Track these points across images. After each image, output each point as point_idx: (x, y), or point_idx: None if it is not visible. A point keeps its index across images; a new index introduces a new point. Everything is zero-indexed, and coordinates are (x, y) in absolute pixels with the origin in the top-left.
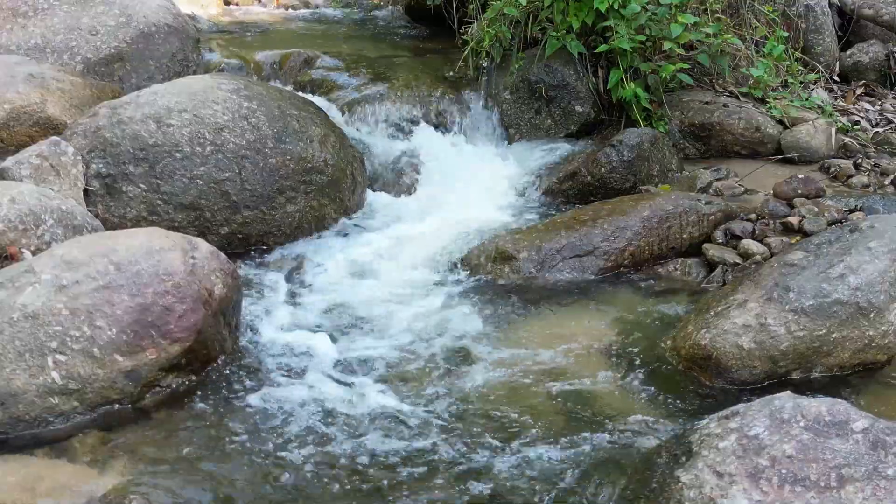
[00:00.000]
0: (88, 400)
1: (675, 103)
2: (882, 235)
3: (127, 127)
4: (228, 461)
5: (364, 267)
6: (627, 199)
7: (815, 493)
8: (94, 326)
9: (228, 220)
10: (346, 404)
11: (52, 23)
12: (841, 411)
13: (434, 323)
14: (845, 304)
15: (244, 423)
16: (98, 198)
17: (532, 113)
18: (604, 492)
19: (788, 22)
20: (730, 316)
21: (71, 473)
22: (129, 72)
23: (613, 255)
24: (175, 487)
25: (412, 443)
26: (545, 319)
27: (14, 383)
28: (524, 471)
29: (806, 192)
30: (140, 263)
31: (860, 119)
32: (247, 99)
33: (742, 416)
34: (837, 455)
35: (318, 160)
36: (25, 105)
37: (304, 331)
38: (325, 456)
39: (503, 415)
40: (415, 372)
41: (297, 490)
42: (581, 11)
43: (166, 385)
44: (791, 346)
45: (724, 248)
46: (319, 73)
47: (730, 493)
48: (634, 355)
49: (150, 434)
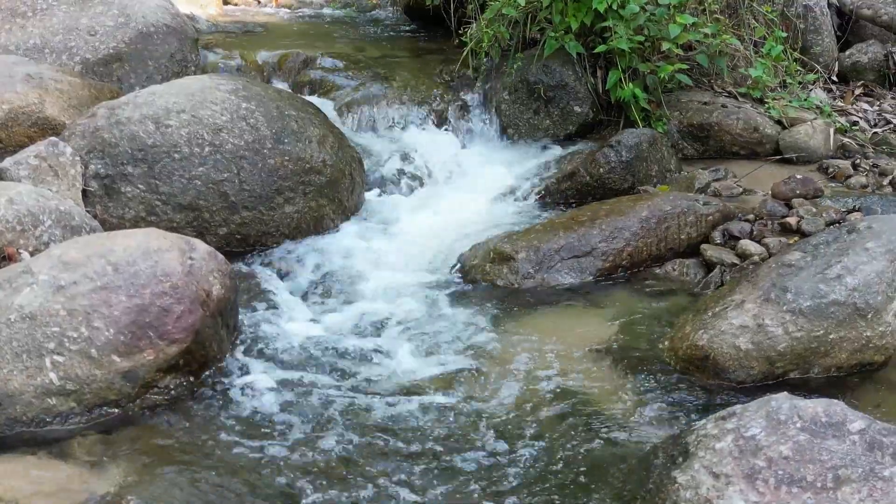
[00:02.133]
0: (86, 401)
1: (673, 104)
2: (879, 236)
3: (125, 127)
4: (226, 462)
5: (362, 267)
6: (626, 199)
7: (811, 495)
8: (91, 327)
9: (227, 220)
10: (345, 405)
11: (50, 23)
12: (837, 412)
13: (432, 323)
14: (843, 305)
15: (242, 424)
16: (96, 198)
17: (531, 113)
18: (600, 492)
19: (787, 22)
20: (727, 317)
21: (68, 474)
22: (128, 72)
23: (611, 255)
24: (173, 488)
25: (410, 444)
26: (543, 320)
27: (11, 384)
28: (520, 471)
29: (804, 192)
30: (138, 264)
31: (859, 119)
32: (245, 99)
33: (739, 416)
34: (834, 456)
35: (316, 161)
36: (24, 105)
37: (301, 331)
38: (324, 457)
39: (500, 415)
40: (413, 373)
41: (296, 491)
42: (580, 12)
43: (164, 386)
44: (788, 347)
45: (722, 248)
46: (318, 73)
47: (726, 494)
48: (632, 356)
49: (147, 435)
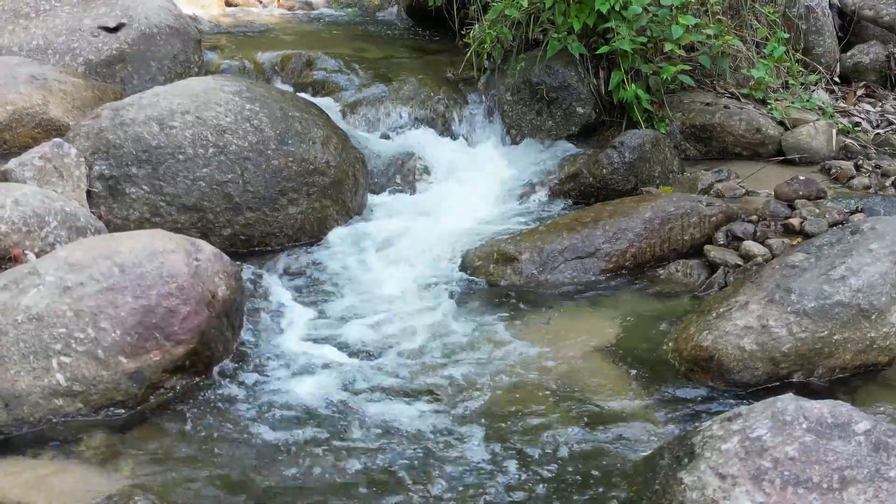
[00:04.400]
0: (93, 402)
1: (676, 105)
2: (883, 237)
3: (129, 129)
4: (233, 462)
5: (366, 268)
6: (629, 200)
7: (817, 495)
8: (98, 328)
9: (231, 221)
10: (350, 404)
11: (53, 24)
12: (843, 413)
13: (436, 324)
14: (847, 306)
15: (248, 425)
16: (101, 199)
17: (533, 114)
18: (606, 493)
19: (789, 23)
20: (731, 317)
21: (76, 475)
22: (131, 73)
23: (615, 256)
24: (180, 489)
25: (413, 443)
26: (547, 321)
27: (18, 385)
28: (523, 471)
29: (807, 193)
30: (144, 265)
31: (861, 120)
32: (249, 101)
33: (745, 417)
34: (840, 457)
35: (320, 162)
36: (28, 106)
37: (306, 332)
38: (330, 456)
39: (504, 416)
40: (416, 373)
41: (302, 490)
42: (582, 13)
43: (170, 387)
44: (793, 348)
45: (726, 249)
46: (321, 74)
47: (732, 495)
48: (636, 357)
49: (154, 436)
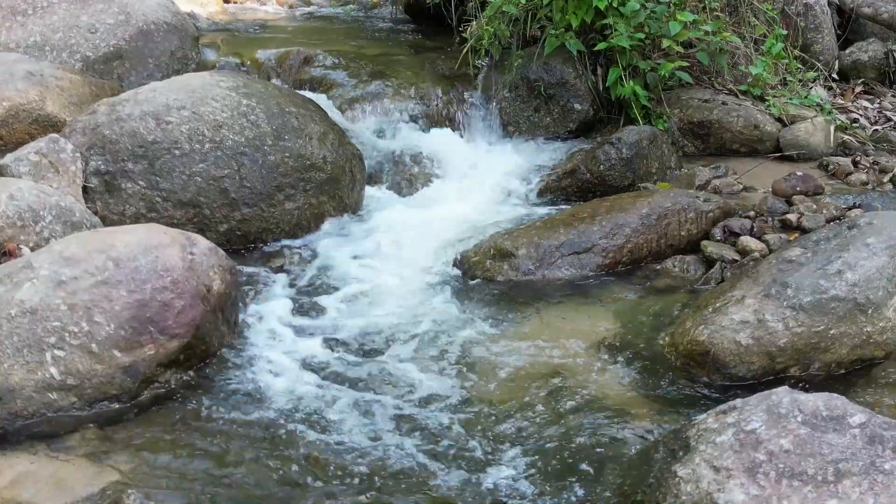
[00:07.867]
0: (87, 395)
1: (673, 101)
2: (880, 232)
3: (126, 124)
4: (227, 456)
5: (362, 264)
6: (626, 196)
7: (812, 488)
8: (92, 322)
9: (227, 217)
10: (345, 400)
11: (51, 21)
12: (838, 406)
13: (432, 320)
14: (843, 301)
15: (242, 419)
16: (97, 195)
17: (531, 111)
18: (601, 487)
19: (787, 20)
20: (728, 312)
21: (69, 469)
22: (129, 70)
23: (612, 252)
24: (173, 483)
25: (411, 439)
26: (543, 316)
27: (12, 379)
28: (520, 466)
29: (804, 189)
30: (138, 259)
31: (859, 117)
32: (246, 96)
33: (739, 411)
34: (834, 450)
35: (317, 158)
36: (24, 103)
37: (302, 327)
38: (325, 450)
39: (500, 411)
40: (413, 369)
41: (296, 485)
42: (580, 9)
43: (165, 381)
44: (789, 343)
45: (723, 245)
46: (318, 70)
47: (727, 488)
48: (632, 351)
49: (148, 430)
